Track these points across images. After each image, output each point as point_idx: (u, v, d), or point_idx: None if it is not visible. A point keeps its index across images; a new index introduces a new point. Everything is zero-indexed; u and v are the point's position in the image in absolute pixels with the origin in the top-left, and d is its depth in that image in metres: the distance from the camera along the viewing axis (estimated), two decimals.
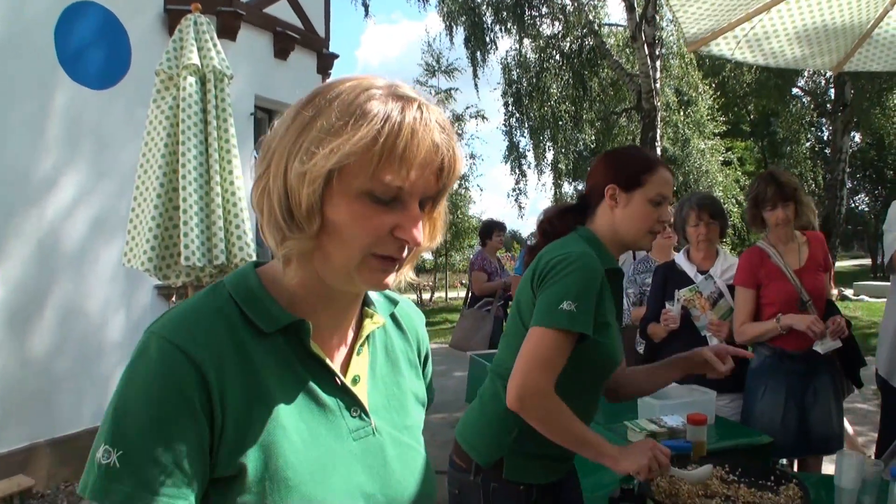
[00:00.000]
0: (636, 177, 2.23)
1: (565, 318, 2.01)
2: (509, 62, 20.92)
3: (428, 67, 22.65)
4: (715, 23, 3.91)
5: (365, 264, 1.05)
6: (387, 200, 1.03)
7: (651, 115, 15.79)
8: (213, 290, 1.13)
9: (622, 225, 2.25)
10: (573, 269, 2.07)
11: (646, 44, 15.51)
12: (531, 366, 2.02)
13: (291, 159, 1.01)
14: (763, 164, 35.57)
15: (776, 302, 3.61)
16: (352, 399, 1.17)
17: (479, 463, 2.23)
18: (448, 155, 1.05)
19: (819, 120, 30.09)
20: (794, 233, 3.75)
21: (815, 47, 4.28)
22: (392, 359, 1.30)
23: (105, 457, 0.97)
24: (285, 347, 1.10)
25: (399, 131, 0.99)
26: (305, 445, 1.07)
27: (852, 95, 21.67)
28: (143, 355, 1.02)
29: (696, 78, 21.90)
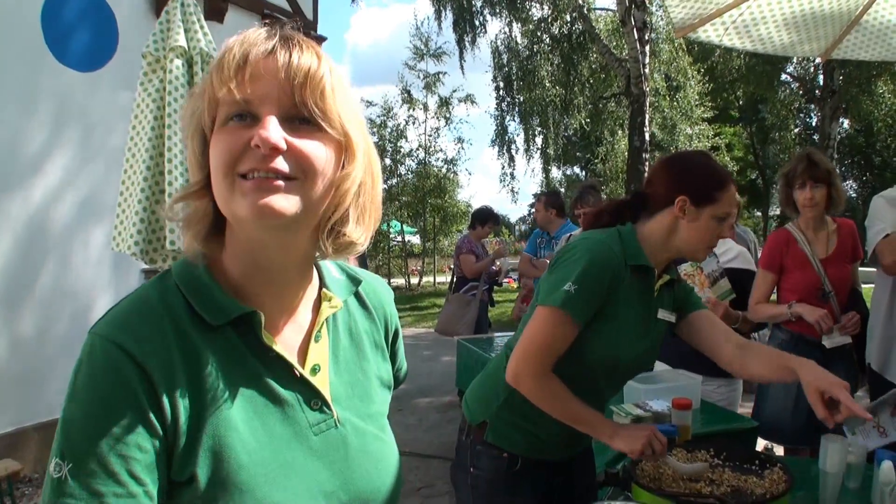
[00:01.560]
0: (709, 193, 2.19)
1: (561, 297, 2.03)
2: (499, 46, 20.88)
3: (416, 51, 22.54)
4: (703, 9, 3.90)
5: (237, 190, 0.97)
6: (242, 117, 0.98)
7: (640, 100, 15.76)
8: (160, 280, 1.07)
9: (684, 236, 2.22)
10: (583, 255, 2.09)
11: (635, 28, 15.45)
12: (529, 344, 2.09)
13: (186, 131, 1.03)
14: (751, 150, 35.69)
15: (797, 289, 3.59)
16: (311, 391, 1.10)
17: (470, 422, 2.32)
18: (306, 63, 0.98)
19: (808, 106, 30.11)
20: (826, 219, 3.68)
21: (802, 34, 4.28)
22: (356, 342, 1.24)
23: (56, 470, 0.92)
24: (236, 340, 1.04)
25: (232, 48, 0.98)
26: (260, 446, 1.02)
27: (841, 82, 21.74)
28: (86, 359, 0.96)
29: (685, 63, 21.89)
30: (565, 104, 21.12)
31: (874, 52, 4.47)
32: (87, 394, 0.94)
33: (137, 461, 0.93)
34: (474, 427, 2.30)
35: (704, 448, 2.42)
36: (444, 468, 5.48)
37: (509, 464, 2.26)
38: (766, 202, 37.58)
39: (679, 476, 2.24)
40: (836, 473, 2.33)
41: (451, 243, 22.39)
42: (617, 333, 2.17)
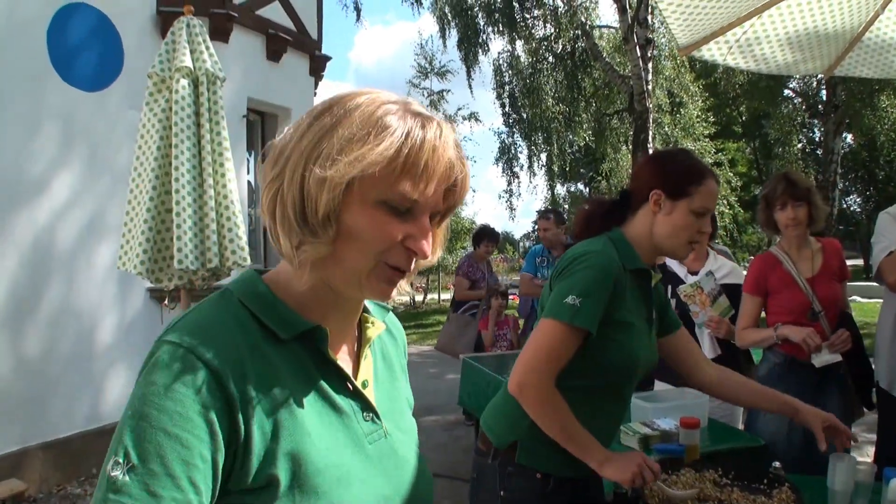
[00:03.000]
0: (684, 186, 2.21)
1: (567, 311, 2.05)
2: (501, 64, 20.95)
3: (421, 69, 22.65)
4: (706, 28, 3.92)
5: (375, 272, 1.08)
6: (402, 211, 1.06)
7: (643, 116, 15.81)
8: (221, 298, 1.12)
9: (661, 232, 2.25)
10: (585, 265, 2.11)
11: (638, 45, 15.51)
12: (534, 355, 2.09)
13: (310, 165, 1.03)
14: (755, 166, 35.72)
15: (786, 311, 3.53)
16: (365, 403, 1.18)
17: (496, 445, 2.27)
18: (461, 174, 1.11)
19: (811, 121, 30.22)
20: (809, 238, 3.65)
21: (805, 52, 4.29)
22: (388, 364, 1.34)
23: (114, 468, 0.94)
24: (301, 353, 1.11)
25: (421, 146, 1.03)
26: (329, 451, 1.08)
27: (844, 97, 21.81)
28: (158, 365, 0.99)
29: (687, 80, 22.00)
30: (569, 121, 21.18)
31: (876, 69, 4.50)
32: (161, 399, 0.96)
33: (199, 469, 0.96)
34: (503, 449, 2.26)
35: (712, 468, 2.41)
36: (452, 487, 5.46)
37: (542, 484, 2.22)
38: None
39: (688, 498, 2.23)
40: (844, 492, 2.32)
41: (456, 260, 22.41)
42: (632, 339, 2.20)
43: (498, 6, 18.98)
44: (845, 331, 3.42)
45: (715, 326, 3.87)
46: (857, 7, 3.98)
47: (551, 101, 20.55)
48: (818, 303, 3.49)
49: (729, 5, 3.70)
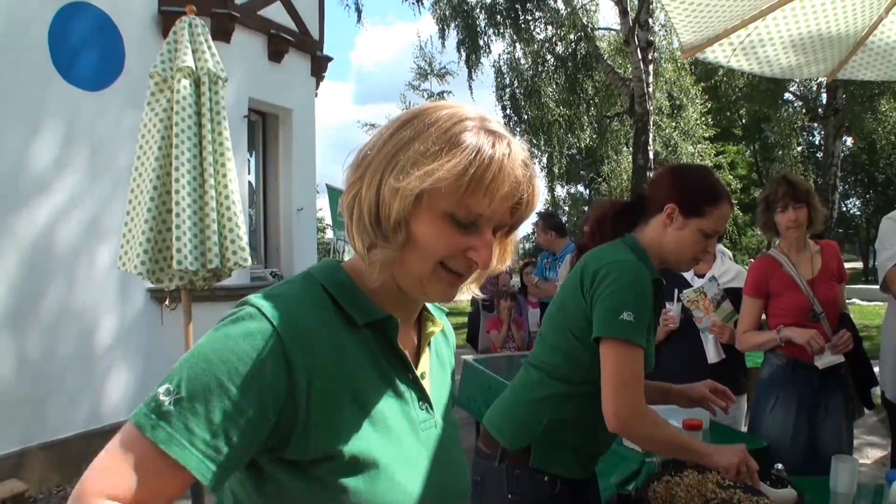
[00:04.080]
0: (700, 206, 2.25)
1: (630, 329, 2.04)
2: (502, 66, 20.97)
3: (420, 71, 22.65)
4: (711, 30, 3.90)
5: (436, 275, 1.16)
6: (466, 224, 1.13)
7: (644, 119, 15.85)
8: (304, 279, 1.21)
9: (670, 245, 2.29)
10: (626, 279, 2.11)
11: (639, 48, 15.56)
12: (619, 386, 2.05)
13: (387, 174, 1.11)
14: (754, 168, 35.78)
15: (787, 313, 3.52)
16: (422, 393, 1.27)
17: (508, 448, 2.26)
18: (528, 191, 1.17)
19: (810, 124, 30.32)
20: (808, 241, 3.65)
21: (809, 55, 4.28)
22: (441, 361, 1.43)
23: (165, 394, 1.02)
24: (372, 340, 1.19)
25: (489, 165, 1.09)
26: (390, 433, 1.17)
27: (844, 100, 21.87)
28: (240, 322, 1.08)
29: (688, 82, 22.05)
30: (570, 123, 21.19)
31: (880, 72, 4.51)
32: (226, 352, 1.05)
33: (238, 425, 1.03)
34: (514, 452, 2.26)
35: (715, 469, 2.41)
36: None
37: (550, 486, 2.23)
38: None
39: (692, 498, 2.23)
40: (847, 494, 2.35)
41: None
42: (650, 347, 2.22)
43: (500, 8, 18.99)
44: (847, 332, 3.42)
45: (718, 331, 3.86)
46: (861, 10, 3.97)
47: (552, 103, 20.55)
48: (819, 304, 3.49)
49: (734, 7, 3.69)
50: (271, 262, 8.30)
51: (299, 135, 8.53)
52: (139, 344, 6.32)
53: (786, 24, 3.98)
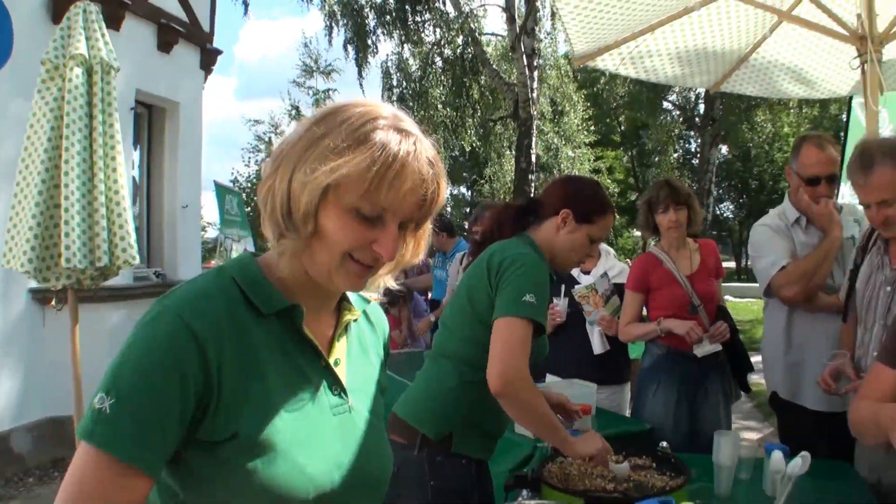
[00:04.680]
0: (590, 214, 2.52)
1: (530, 308, 2.23)
2: (390, 66, 21.00)
3: (306, 68, 22.38)
4: (602, 41, 4.12)
5: (344, 266, 1.22)
6: (372, 218, 1.19)
7: (527, 123, 16.22)
8: (218, 273, 1.27)
9: (560, 246, 2.53)
10: (529, 268, 2.31)
11: (524, 55, 15.91)
12: (509, 352, 2.21)
13: (298, 169, 1.17)
14: (632, 174, 37.04)
15: (668, 305, 3.75)
16: (334, 378, 1.32)
17: (430, 436, 2.36)
18: (433, 188, 1.23)
19: (688, 133, 31.64)
20: (687, 239, 3.90)
21: (694, 67, 4.58)
22: (364, 349, 1.47)
23: (99, 402, 1.09)
24: (279, 328, 1.25)
25: (392, 161, 1.15)
26: (293, 416, 1.22)
27: (721, 111, 22.95)
28: (153, 324, 1.15)
29: (570, 89, 22.69)
30: (455, 125, 21.40)
31: (759, 87, 4.93)
32: (145, 352, 1.13)
33: (168, 415, 1.10)
34: (435, 440, 2.37)
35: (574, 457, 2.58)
36: None
37: (468, 470, 2.39)
38: None
39: (585, 476, 2.39)
40: (728, 466, 2.54)
41: None
42: (545, 337, 2.49)
43: (389, 8, 19.01)
44: (724, 322, 3.69)
45: (606, 325, 4.06)
46: (745, 30, 4.29)
47: (439, 105, 20.72)
48: (697, 297, 3.74)
49: (626, 20, 3.91)
50: (154, 262, 8.06)
51: (186, 129, 8.32)
52: (21, 349, 6.06)
53: (674, 37, 4.24)
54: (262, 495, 1.17)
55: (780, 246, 3.49)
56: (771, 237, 3.56)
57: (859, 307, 2.93)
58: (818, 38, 4.17)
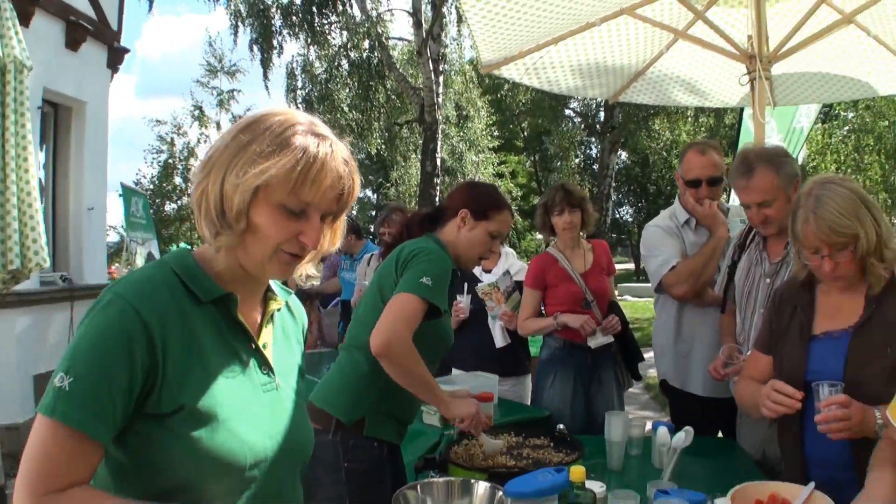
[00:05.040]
0: (486, 211, 2.76)
1: (425, 289, 2.45)
2: (295, 68, 20.88)
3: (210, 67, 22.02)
4: (508, 51, 4.38)
5: (276, 257, 1.40)
6: (297, 212, 1.37)
7: (433, 127, 16.49)
8: (159, 265, 1.44)
9: (462, 243, 2.76)
10: (433, 257, 2.55)
11: (430, 59, 16.16)
12: (397, 320, 2.43)
13: (229, 172, 1.34)
14: (534, 178, 37.73)
15: (563, 301, 4.04)
16: (263, 359, 1.51)
17: (343, 421, 2.55)
18: (348, 183, 1.42)
19: (588, 139, 32.49)
20: (581, 240, 4.19)
21: (593, 79, 4.91)
22: (286, 335, 1.66)
23: (59, 381, 1.25)
24: (215, 314, 1.43)
25: (313, 162, 1.34)
26: (230, 391, 1.40)
27: (621, 118, 23.70)
28: (105, 309, 1.31)
29: (475, 95, 23.08)
30: (361, 128, 21.44)
31: (654, 97, 5.34)
32: (100, 334, 1.29)
33: (119, 390, 1.27)
34: (348, 425, 2.56)
35: (506, 432, 2.90)
36: None
37: (379, 452, 2.59)
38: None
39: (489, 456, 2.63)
40: (619, 442, 2.81)
41: None
42: (449, 323, 2.80)
43: (295, 9, 18.93)
44: (615, 316, 4.00)
45: (508, 319, 4.33)
46: (643, 45, 4.66)
47: (346, 107, 20.74)
48: (590, 293, 4.04)
49: (530, 32, 4.18)
50: (60, 266, 7.82)
51: (92, 130, 8.15)
52: None
53: (575, 50, 4.55)
54: (206, 461, 1.34)
55: (671, 246, 3.73)
56: (662, 237, 3.79)
57: (739, 298, 3.24)
58: (711, 54, 4.49)
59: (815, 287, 2.48)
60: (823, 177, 2.44)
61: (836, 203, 2.22)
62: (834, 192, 2.25)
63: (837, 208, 2.21)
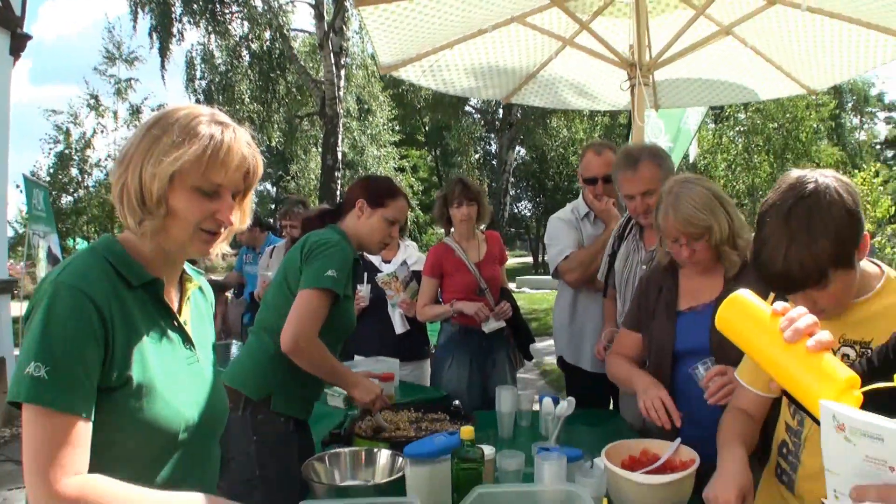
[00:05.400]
0: (382, 199, 2.96)
1: (329, 280, 2.65)
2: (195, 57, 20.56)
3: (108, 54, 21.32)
4: (405, 54, 4.60)
5: (196, 237, 1.55)
6: (210, 193, 1.52)
7: (334, 121, 16.58)
8: (91, 253, 1.54)
9: (362, 231, 2.96)
10: (336, 249, 2.74)
11: (332, 52, 16.22)
12: (303, 318, 2.63)
13: (146, 164, 1.48)
14: (435, 172, 38.06)
15: (459, 289, 4.30)
16: (185, 336, 1.66)
17: (251, 397, 2.73)
18: (252, 163, 1.60)
19: (488, 135, 33.04)
20: (476, 231, 4.45)
21: (487, 81, 5.18)
22: (200, 314, 1.80)
23: (36, 371, 1.34)
24: (145, 297, 1.56)
25: (220, 147, 1.50)
26: (163, 365, 1.55)
27: (519, 116, 24.23)
28: (57, 298, 1.41)
29: (377, 89, 23.22)
30: (262, 121, 21.26)
31: (546, 99, 5.64)
32: (62, 321, 1.39)
33: (91, 369, 1.40)
34: (256, 401, 2.74)
35: (407, 409, 3.11)
36: None
37: (287, 427, 2.77)
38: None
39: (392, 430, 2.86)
40: (509, 413, 3.08)
41: None
42: (352, 308, 2.98)
43: None
44: (507, 302, 4.28)
45: (406, 307, 4.56)
46: (533, 50, 4.94)
47: (247, 99, 20.55)
48: (483, 281, 4.31)
49: (426, 36, 4.40)
50: None
51: None
52: None
53: (469, 54, 4.82)
54: (146, 429, 1.48)
55: (568, 236, 4.07)
56: (561, 229, 4.13)
57: (619, 284, 3.58)
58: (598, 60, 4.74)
59: (677, 271, 2.83)
60: (684, 176, 2.79)
61: (692, 200, 2.56)
62: (691, 190, 2.59)
63: (693, 204, 2.55)
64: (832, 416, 1.15)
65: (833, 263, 1.64)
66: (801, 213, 1.65)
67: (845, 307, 1.79)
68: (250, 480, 2.70)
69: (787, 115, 19.64)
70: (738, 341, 1.46)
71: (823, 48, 4.62)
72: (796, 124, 19.76)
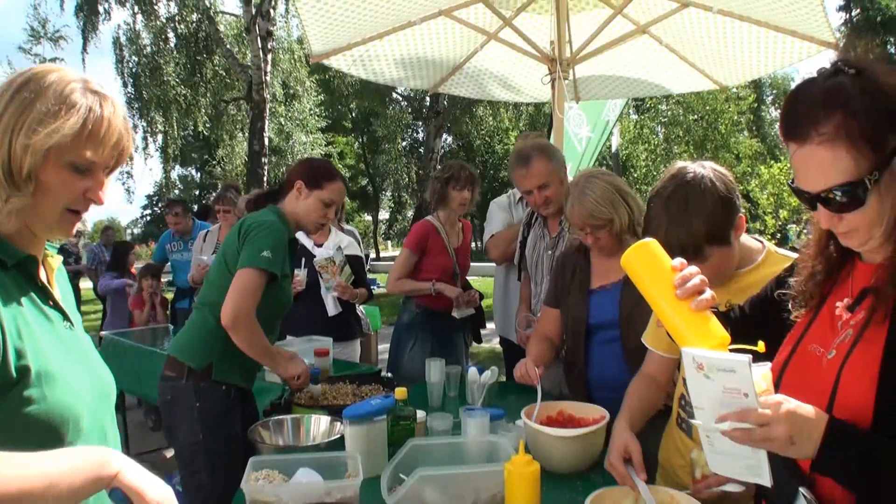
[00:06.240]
0: (318, 181, 3.07)
1: (265, 261, 2.80)
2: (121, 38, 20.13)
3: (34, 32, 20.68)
4: (336, 43, 4.77)
5: (63, 217, 1.42)
6: (83, 170, 1.40)
7: (260, 106, 16.48)
8: None
9: (300, 211, 3.07)
10: (270, 230, 2.88)
11: (259, 37, 16.12)
12: (242, 296, 2.77)
13: (16, 134, 1.33)
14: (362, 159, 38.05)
15: (436, 271, 4.45)
16: (63, 314, 1.52)
17: (193, 367, 2.88)
18: (128, 141, 1.46)
19: (415, 123, 33.15)
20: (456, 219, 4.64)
21: (414, 71, 5.40)
22: (64, 289, 1.62)
23: None
24: (20, 278, 1.43)
25: (101, 122, 1.39)
26: (53, 348, 1.41)
27: (446, 104, 24.43)
28: None
29: (303, 74, 23.18)
30: (188, 104, 20.99)
31: (471, 90, 5.90)
32: None
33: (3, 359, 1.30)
34: (198, 370, 2.89)
35: (343, 381, 3.35)
36: None
37: (226, 394, 2.92)
38: (376, 206, 40.42)
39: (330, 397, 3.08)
40: (437, 382, 3.31)
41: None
42: (288, 287, 3.14)
43: None
44: (477, 290, 4.52)
45: (342, 290, 4.74)
46: (459, 43, 5.19)
47: (174, 82, 20.25)
48: (458, 267, 4.55)
49: (357, 26, 4.59)
50: None
51: None
52: None
53: (398, 45, 5.04)
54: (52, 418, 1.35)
55: (499, 218, 4.38)
56: (495, 211, 4.45)
57: (530, 268, 3.90)
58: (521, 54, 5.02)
59: (589, 253, 3.11)
60: (589, 171, 3.09)
61: (595, 194, 2.84)
62: (594, 185, 2.87)
63: (596, 198, 2.84)
64: (692, 359, 1.36)
65: (707, 240, 1.95)
66: (679, 198, 1.96)
67: (726, 277, 2.09)
68: (194, 444, 2.87)
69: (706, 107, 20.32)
70: (636, 282, 1.65)
71: (734, 47, 4.94)
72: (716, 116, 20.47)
